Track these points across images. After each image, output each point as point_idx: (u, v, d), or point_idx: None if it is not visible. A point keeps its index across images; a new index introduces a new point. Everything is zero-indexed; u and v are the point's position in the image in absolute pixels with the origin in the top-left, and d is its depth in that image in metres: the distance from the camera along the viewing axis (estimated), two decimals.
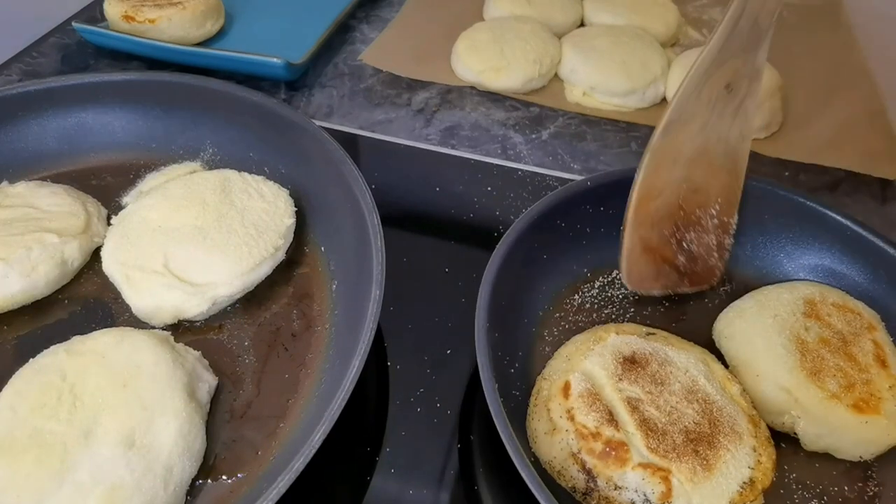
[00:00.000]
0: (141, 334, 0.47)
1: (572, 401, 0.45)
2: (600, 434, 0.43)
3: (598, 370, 0.47)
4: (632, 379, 0.46)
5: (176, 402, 0.44)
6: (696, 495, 0.41)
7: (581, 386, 0.45)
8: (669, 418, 0.44)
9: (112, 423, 0.42)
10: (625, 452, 0.42)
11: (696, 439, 0.43)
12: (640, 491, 0.41)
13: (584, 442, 0.43)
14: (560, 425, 0.44)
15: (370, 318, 0.44)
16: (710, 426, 0.43)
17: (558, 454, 0.44)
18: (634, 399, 0.45)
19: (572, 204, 0.56)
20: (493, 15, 0.92)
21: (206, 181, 0.58)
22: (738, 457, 0.42)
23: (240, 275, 0.52)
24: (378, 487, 0.46)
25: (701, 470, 0.41)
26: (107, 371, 0.44)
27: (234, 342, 0.52)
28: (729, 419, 0.44)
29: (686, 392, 0.45)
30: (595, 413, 0.44)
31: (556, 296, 0.55)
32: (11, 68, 0.81)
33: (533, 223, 0.52)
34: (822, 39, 0.93)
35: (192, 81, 0.64)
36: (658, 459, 0.42)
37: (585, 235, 0.57)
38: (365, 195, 0.52)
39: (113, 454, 0.41)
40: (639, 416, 0.44)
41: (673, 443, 0.43)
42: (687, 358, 0.48)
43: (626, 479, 0.42)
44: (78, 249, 0.55)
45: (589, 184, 0.56)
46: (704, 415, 0.44)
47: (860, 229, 0.54)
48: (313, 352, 0.51)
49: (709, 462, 0.42)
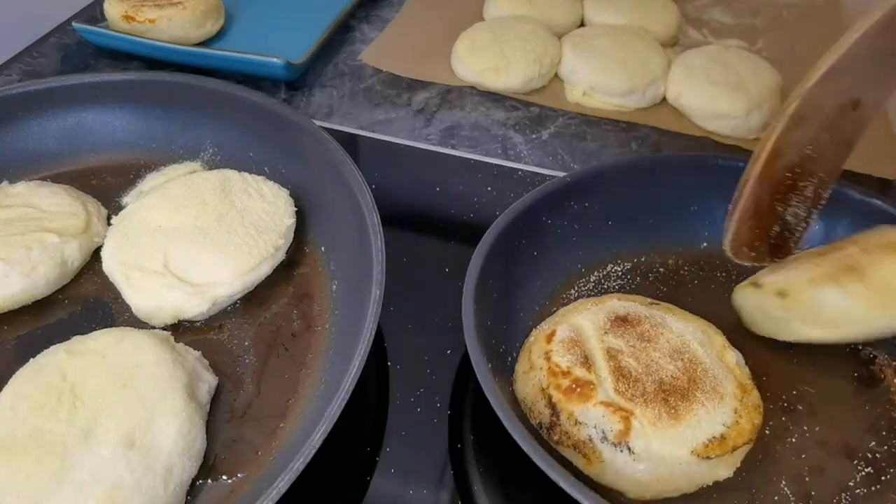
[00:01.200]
0: (141, 334, 0.47)
1: (553, 345, 0.46)
2: (570, 372, 0.44)
3: (587, 324, 0.48)
4: (618, 333, 0.47)
5: (176, 402, 0.44)
6: (657, 439, 0.41)
7: (565, 334, 0.47)
8: (646, 369, 0.44)
9: (112, 422, 0.42)
10: (590, 390, 0.43)
11: (670, 390, 0.43)
12: (599, 427, 0.42)
13: (554, 378, 0.44)
14: (536, 364, 0.46)
15: (370, 318, 0.44)
16: (688, 382, 0.44)
17: (530, 390, 0.46)
18: (615, 350, 0.46)
19: (555, 201, 0.56)
20: (493, 15, 0.92)
21: (206, 181, 0.58)
22: (713, 413, 0.42)
23: (240, 275, 0.52)
24: (378, 487, 0.46)
25: (667, 417, 0.42)
26: (107, 371, 0.44)
27: (234, 342, 0.52)
28: (713, 380, 0.44)
29: (672, 351, 0.46)
30: (571, 355, 0.45)
31: (552, 291, 0.56)
32: (11, 68, 0.81)
33: (514, 220, 0.53)
34: (822, 39, 0.93)
35: (192, 81, 0.64)
36: (623, 401, 0.43)
37: (574, 232, 0.58)
38: (365, 195, 0.52)
39: (113, 454, 0.41)
40: (615, 364, 0.45)
41: (643, 389, 0.43)
42: (685, 326, 0.48)
43: (587, 415, 0.43)
44: (78, 249, 0.55)
45: (568, 180, 0.57)
46: (686, 372, 0.44)
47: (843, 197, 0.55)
48: (313, 352, 0.51)
49: (677, 412, 0.42)
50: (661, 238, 0.60)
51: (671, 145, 0.76)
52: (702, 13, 0.99)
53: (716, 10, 0.99)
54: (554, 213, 0.56)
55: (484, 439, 0.49)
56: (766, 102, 0.76)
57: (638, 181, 0.59)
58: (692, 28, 0.96)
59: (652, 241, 0.60)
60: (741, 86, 0.77)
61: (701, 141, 0.77)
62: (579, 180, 0.57)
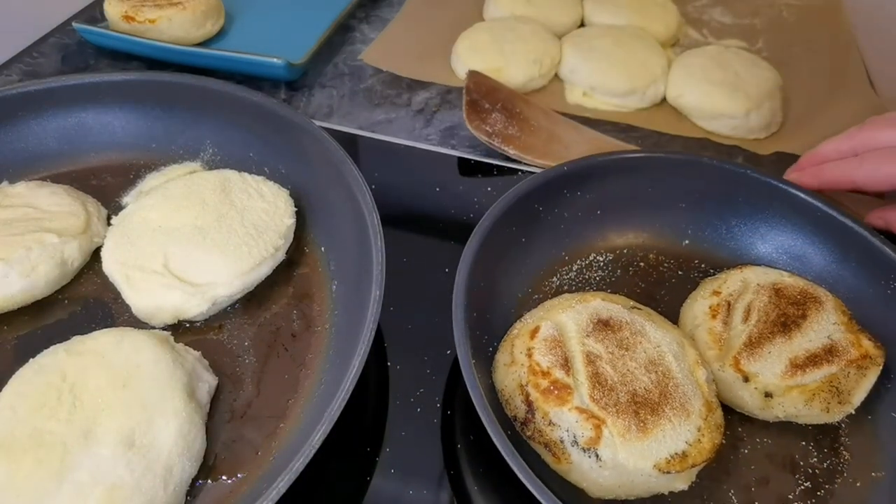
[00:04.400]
0: (141, 334, 0.47)
1: (536, 342, 0.47)
2: (550, 374, 0.45)
3: (570, 324, 0.48)
4: (599, 338, 0.47)
5: (176, 402, 0.44)
6: (624, 450, 0.42)
7: (548, 332, 0.48)
8: (622, 379, 0.45)
9: (112, 422, 0.42)
10: (567, 394, 0.44)
11: (641, 403, 0.44)
12: (571, 431, 0.43)
13: (533, 377, 0.45)
14: (518, 360, 0.47)
15: (370, 318, 0.44)
16: (659, 396, 0.44)
17: (509, 384, 0.47)
18: (594, 354, 0.46)
19: (550, 188, 0.57)
20: (493, 15, 0.92)
21: (206, 181, 0.58)
22: (678, 430, 0.43)
23: (239, 275, 0.52)
24: (378, 487, 0.46)
25: (636, 430, 0.43)
26: (107, 371, 0.44)
27: (233, 342, 0.52)
28: (682, 396, 0.45)
29: (648, 362, 0.46)
30: (552, 356, 0.46)
31: (535, 278, 0.57)
32: (11, 68, 0.81)
33: (511, 206, 0.53)
34: (822, 39, 0.93)
35: (192, 81, 0.64)
36: (597, 409, 0.44)
37: (562, 220, 0.58)
38: (365, 195, 0.52)
39: (113, 454, 0.41)
40: (592, 369, 0.46)
41: (616, 399, 0.44)
42: (663, 336, 0.48)
43: (561, 418, 0.44)
44: (78, 249, 0.55)
45: (566, 169, 0.57)
46: (658, 386, 0.45)
47: (829, 209, 0.55)
48: (313, 352, 0.51)
49: (646, 425, 0.43)
50: (646, 232, 0.61)
51: (671, 145, 0.76)
52: (702, 13, 0.99)
53: (716, 10, 0.99)
54: (547, 201, 0.57)
55: (485, 439, 0.49)
56: (765, 102, 0.76)
57: (632, 175, 0.60)
58: (692, 28, 0.96)
59: (636, 234, 0.61)
60: (741, 86, 0.77)
61: (701, 141, 0.77)
62: (577, 169, 0.58)
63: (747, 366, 0.48)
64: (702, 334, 0.51)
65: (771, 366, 0.48)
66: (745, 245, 0.60)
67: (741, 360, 0.48)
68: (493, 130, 0.71)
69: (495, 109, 0.73)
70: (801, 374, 0.47)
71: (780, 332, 0.49)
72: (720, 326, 0.51)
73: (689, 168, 0.60)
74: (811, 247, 0.57)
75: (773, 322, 0.50)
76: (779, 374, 0.47)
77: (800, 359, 0.48)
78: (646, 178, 0.60)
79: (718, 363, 0.49)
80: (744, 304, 0.52)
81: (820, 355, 0.48)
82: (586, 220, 0.59)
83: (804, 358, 0.48)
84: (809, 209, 0.56)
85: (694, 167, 0.60)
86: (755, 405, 0.48)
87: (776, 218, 0.58)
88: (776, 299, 0.51)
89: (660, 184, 0.60)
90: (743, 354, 0.48)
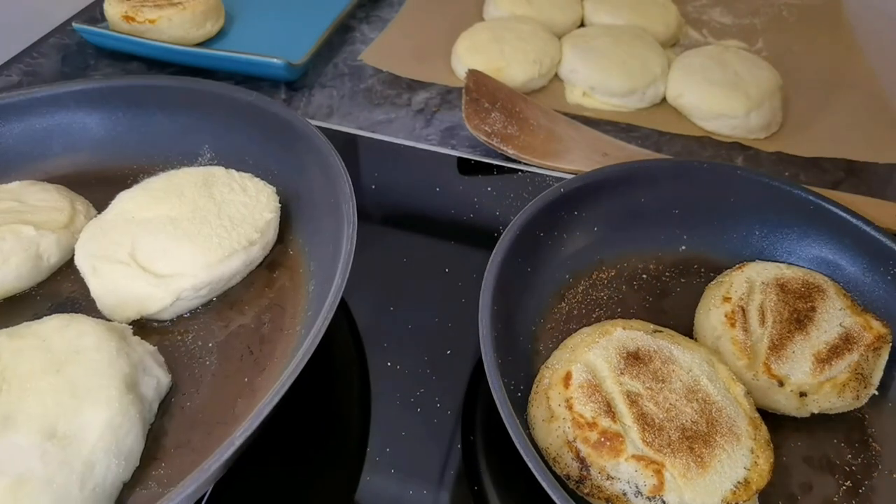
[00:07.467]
0: (90, 321, 0.45)
1: (572, 390, 0.45)
2: (596, 424, 0.43)
3: (600, 362, 0.47)
4: (633, 374, 0.46)
5: (110, 391, 0.40)
6: (689, 491, 0.41)
7: (582, 377, 0.45)
8: (667, 415, 0.44)
9: (36, 409, 0.39)
10: (619, 444, 0.42)
11: (692, 437, 0.43)
12: (633, 482, 0.42)
13: (580, 431, 0.43)
14: (558, 413, 0.45)
15: (326, 308, 0.42)
16: (707, 426, 0.43)
17: (554, 441, 0.44)
18: (634, 393, 0.45)
19: (549, 212, 0.56)
20: (493, 15, 0.92)
21: (190, 176, 0.57)
22: (734, 457, 0.42)
23: (206, 266, 0.50)
24: (378, 487, 0.46)
25: (695, 467, 0.41)
26: (43, 355, 0.42)
27: (198, 343, 0.50)
28: (728, 420, 0.44)
29: (686, 391, 0.45)
30: (593, 404, 0.44)
31: (545, 306, 0.55)
32: (12, 69, 0.81)
33: (517, 238, 0.52)
34: (822, 39, 0.93)
35: (190, 85, 0.64)
36: (652, 453, 0.42)
37: (563, 241, 0.57)
38: (349, 203, 0.50)
39: (28, 443, 0.37)
40: (637, 410, 0.44)
41: (668, 438, 0.43)
42: (692, 357, 0.48)
43: (619, 470, 0.42)
44: (56, 244, 0.53)
45: (562, 190, 0.56)
46: (703, 414, 0.44)
47: (823, 202, 0.56)
48: (279, 355, 0.49)
49: (703, 460, 0.42)
50: (643, 242, 0.60)
51: (671, 145, 0.76)
52: (702, 13, 0.99)
53: (716, 10, 0.99)
54: (548, 225, 0.56)
55: (484, 439, 0.49)
56: (765, 102, 0.76)
57: (623, 187, 0.59)
58: (692, 28, 0.96)
59: (634, 246, 0.60)
60: (741, 86, 0.77)
61: (701, 141, 0.77)
62: (572, 190, 0.57)
63: (778, 369, 0.48)
64: (726, 345, 0.51)
65: (799, 365, 0.48)
66: (740, 243, 0.60)
67: (771, 366, 0.48)
68: (492, 130, 0.71)
69: (495, 109, 0.73)
70: (829, 368, 0.48)
71: (796, 329, 0.50)
72: (742, 335, 0.50)
73: (678, 172, 0.60)
74: (806, 238, 0.58)
75: (787, 320, 0.50)
76: (808, 372, 0.48)
77: (822, 353, 0.49)
78: (636, 188, 0.59)
79: (752, 372, 0.49)
80: (756, 306, 0.52)
81: (840, 345, 0.49)
82: (585, 238, 0.58)
83: (826, 351, 0.49)
84: (802, 203, 0.57)
85: (682, 171, 0.60)
86: (791, 406, 0.48)
87: (769, 214, 0.59)
88: (784, 296, 0.52)
89: (650, 192, 0.60)
90: (771, 359, 0.49)
